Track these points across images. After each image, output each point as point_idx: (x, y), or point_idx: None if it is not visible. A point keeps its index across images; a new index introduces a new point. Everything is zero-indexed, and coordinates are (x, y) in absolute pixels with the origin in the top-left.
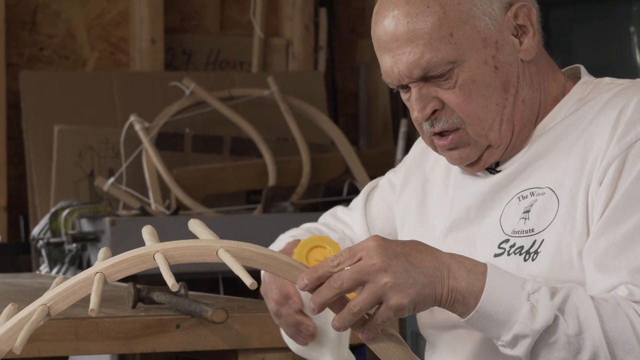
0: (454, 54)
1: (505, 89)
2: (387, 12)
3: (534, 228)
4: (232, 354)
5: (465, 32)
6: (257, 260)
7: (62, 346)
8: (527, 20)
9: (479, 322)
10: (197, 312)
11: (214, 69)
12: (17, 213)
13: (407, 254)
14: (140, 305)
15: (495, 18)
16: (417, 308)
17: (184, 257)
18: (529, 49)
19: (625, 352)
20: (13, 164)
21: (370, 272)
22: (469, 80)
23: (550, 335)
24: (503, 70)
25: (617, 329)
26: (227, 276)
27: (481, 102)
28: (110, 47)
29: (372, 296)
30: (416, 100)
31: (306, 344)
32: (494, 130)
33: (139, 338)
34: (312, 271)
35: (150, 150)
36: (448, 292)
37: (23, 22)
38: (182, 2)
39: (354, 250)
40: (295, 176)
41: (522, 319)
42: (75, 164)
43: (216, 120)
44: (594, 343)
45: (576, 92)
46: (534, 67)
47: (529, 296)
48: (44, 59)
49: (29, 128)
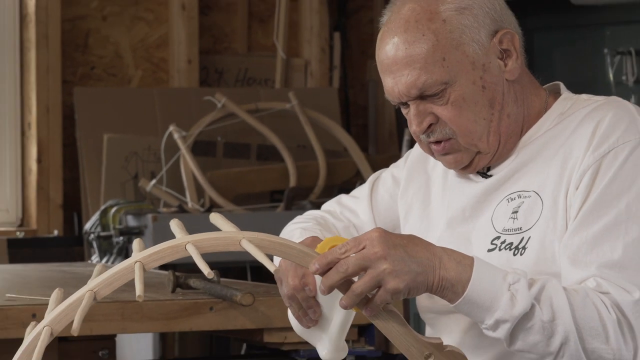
0: (446, 76)
1: (491, 105)
2: (389, 39)
3: (521, 227)
4: (258, 332)
5: (456, 57)
6: (275, 249)
7: (110, 326)
8: (511, 45)
9: (466, 308)
10: (228, 296)
11: (242, 85)
12: (72, 211)
13: (404, 245)
14: (178, 290)
15: (482, 44)
16: (411, 293)
17: (211, 247)
18: (513, 70)
19: (593, 337)
20: (68, 168)
21: (372, 259)
22: (459, 98)
23: (527, 321)
24: (490, 89)
25: (585, 316)
26: (254, 265)
27: (470, 116)
28: (152, 66)
29: (372, 280)
30: (414, 116)
31: (309, 327)
32: (483, 140)
33: (177, 319)
34: (323, 257)
35: (187, 156)
36: (439, 281)
37: (77, 44)
38: (215, 27)
39: (358, 240)
40: (313, 178)
41: (503, 306)
42: (121, 167)
43: (244, 130)
44: (565, 329)
45: (557, 107)
46: (518, 85)
47: (509, 286)
48: (95, 76)
49: (81, 137)
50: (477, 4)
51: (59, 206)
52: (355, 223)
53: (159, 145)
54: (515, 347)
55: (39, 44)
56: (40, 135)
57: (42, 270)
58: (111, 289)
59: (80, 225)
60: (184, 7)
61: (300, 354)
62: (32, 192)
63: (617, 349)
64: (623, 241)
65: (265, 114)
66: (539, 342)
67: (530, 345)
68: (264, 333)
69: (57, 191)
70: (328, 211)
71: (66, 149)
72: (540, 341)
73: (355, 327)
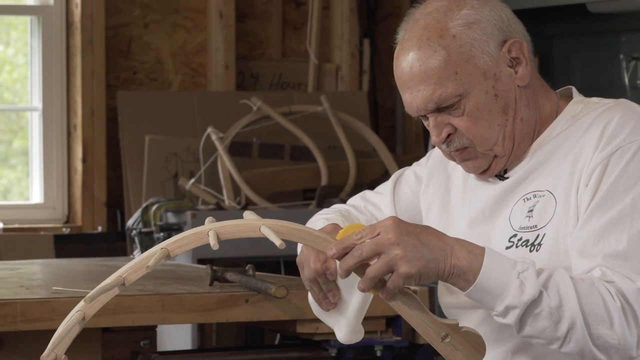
0: (460, 89)
1: (505, 111)
2: (404, 56)
3: (537, 224)
4: (291, 323)
5: (468, 70)
6: (293, 234)
7: (151, 317)
8: (520, 53)
9: (477, 295)
10: (263, 289)
11: (276, 89)
12: (115, 208)
13: (417, 233)
14: (216, 283)
15: (491, 54)
16: (423, 278)
17: (233, 233)
18: (523, 77)
19: (598, 323)
20: (112, 168)
21: (386, 245)
22: (474, 108)
23: (536, 307)
24: (502, 97)
25: (591, 303)
26: (287, 259)
27: (485, 124)
28: (191, 71)
29: (385, 265)
30: (433, 128)
31: (328, 310)
32: (498, 145)
33: (214, 310)
34: (340, 242)
35: (224, 156)
36: (450, 268)
37: (120, 50)
38: (251, 34)
39: (374, 227)
40: (343, 177)
41: (512, 292)
42: (162, 167)
43: (278, 132)
44: (572, 314)
45: (569, 110)
46: (530, 90)
47: (518, 274)
48: (137, 81)
49: (124, 138)
50: (485, 18)
51: (103, 204)
52: (378, 217)
53: (197, 146)
54: (524, 333)
55: (84, 50)
56: (85, 137)
57: (87, 265)
58: (138, 275)
59: (122, 221)
60: (221, 15)
61: (331, 344)
62: (77, 191)
63: (621, 335)
64: (628, 233)
65: (298, 117)
66: (547, 327)
67: (539, 331)
68: (296, 324)
69: (101, 189)
70: (352, 205)
71: (110, 150)
72: (548, 326)
73: (383, 319)
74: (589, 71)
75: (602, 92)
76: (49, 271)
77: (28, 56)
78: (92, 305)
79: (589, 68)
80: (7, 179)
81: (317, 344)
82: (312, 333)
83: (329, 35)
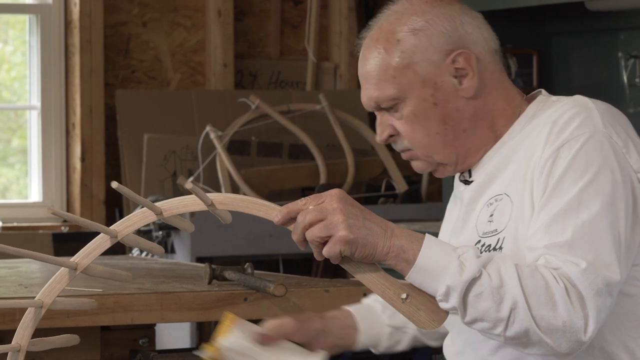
0: (396, 93)
1: (444, 121)
2: (360, 53)
3: (497, 228)
4: None
5: (407, 75)
6: (238, 204)
7: (150, 315)
8: (467, 65)
9: (418, 278)
10: (262, 287)
11: (275, 87)
12: (114, 206)
13: (362, 209)
14: (214, 282)
15: (434, 63)
16: (360, 250)
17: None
18: (468, 88)
19: (540, 304)
20: (110, 166)
21: (329, 211)
22: (410, 113)
23: (477, 287)
24: (441, 106)
25: (533, 285)
26: (286, 258)
27: (423, 131)
28: (189, 70)
29: (325, 227)
30: (378, 126)
31: None
32: (438, 153)
33: (213, 309)
34: (284, 208)
35: (222, 155)
36: (389, 247)
37: (119, 49)
38: (249, 33)
39: (319, 195)
40: (342, 176)
41: (452, 272)
42: (161, 166)
43: (277, 130)
44: (514, 295)
45: (529, 111)
46: (479, 101)
47: (459, 256)
48: (136, 79)
49: (123, 136)
50: (435, 25)
51: (102, 202)
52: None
53: (196, 144)
54: (468, 316)
55: (82, 48)
56: (84, 135)
57: None
58: (91, 259)
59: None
60: (220, 14)
61: None
62: (76, 189)
63: (567, 317)
64: (573, 224)
65: (297, 115)
66: (489, 308)
67: (482, 312)
68: None
69: (100, 188)
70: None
71: (108, 148)
72: (491, 307)
73: None
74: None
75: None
76: (48, 270)
77: (26, 55)
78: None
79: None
80: (6, 177)
81: None
82: None
83: (328, 34)
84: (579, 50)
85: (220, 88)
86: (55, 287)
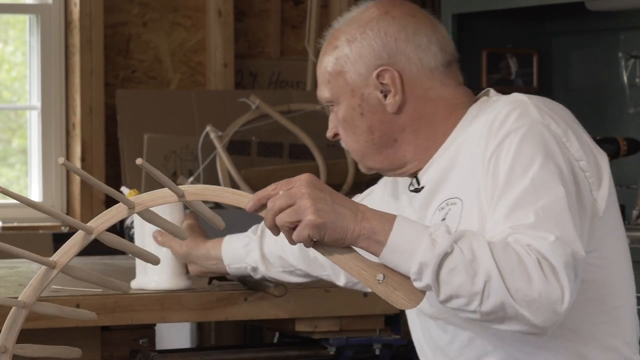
0: (330, 97)
1: (370, 131)
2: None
3: None
4: (290, 321)
5: (339, 81)
6: (209, 194)
7: (150, 315)
8: (390, 82)
9: (391, 257)
10: (262, 287)
11: (275, 87)
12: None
13: (332, 193)
14: (215, 282)
15: (362, 75)
16: (330, 234)
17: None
18: (392, 104)
19: (514, 277)
20: (110, 166)
21: (298, 196)
22: (342, 119)
23: (450, 262)
24: (367, 117)
25: (506, 258)
26: None
27: (353, 137)
28: (190, 70)
29: (293, 212)
30: (329, 122)
31: None
32: (369, 159)
33: (213, 309)
34: (255, 195)
35: (222, 155)
36: (360, 229)
37: (119, 49)
38: (249, 33)
39: (290, 180)
40: (342, 176)
41: (424, 248)
42: (161, 165)
43: (277, 130)
44: (487, 267)
45: (471, 111)
46: (406, 115)
47: (430, 234)
48: (136, 79)
49: (123, 136)
50: (368, 38)
51: (102, 202)
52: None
53: (196, 144)
54: (443, 294)
55: (83, 48)
56: (84, 135)
57: (86, 263)
58: (69, 257)
59: (121, 220)
60: (220, 14)
61: (329, 342)
62: (76, 189)
63: (542, 288)
64: (534, 208)
65: (297, 115)
66: (463, 282)
67: (456, 287)
68: (295, 322)
69: None
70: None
71: (108, 148)
72: (465, 281)
73: (381, 317)
74: (587, 69)
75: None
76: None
77: (27, 55)
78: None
79: (587, 66)
80: (6, 177)
81: (316, 342)
82: (311, 331)
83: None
84: (579, 50)
85: (221, 88)
86: (35, 287)
